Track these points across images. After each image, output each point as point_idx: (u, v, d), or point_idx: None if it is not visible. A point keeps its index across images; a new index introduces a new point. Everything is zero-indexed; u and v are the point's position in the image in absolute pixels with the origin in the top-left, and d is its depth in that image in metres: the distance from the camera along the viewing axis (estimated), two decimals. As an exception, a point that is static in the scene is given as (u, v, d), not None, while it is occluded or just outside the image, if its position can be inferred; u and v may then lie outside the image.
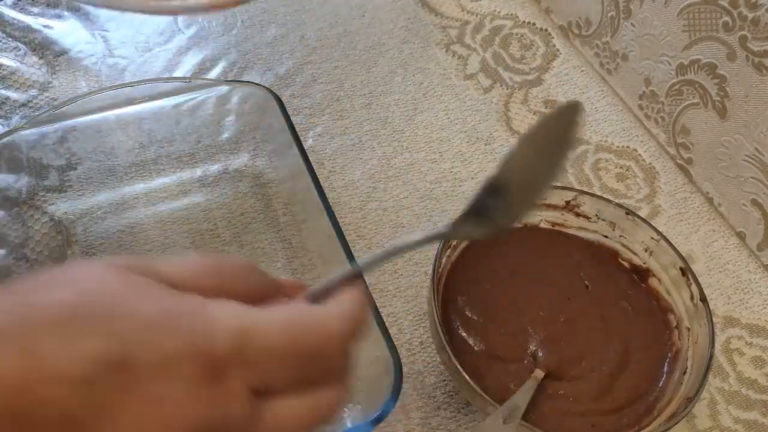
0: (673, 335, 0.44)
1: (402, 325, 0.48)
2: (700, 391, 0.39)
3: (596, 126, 0.60)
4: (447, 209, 0.54)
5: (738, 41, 0.49)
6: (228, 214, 0.52)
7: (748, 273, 0.52)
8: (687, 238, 0.54)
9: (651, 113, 0.59)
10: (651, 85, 0.58)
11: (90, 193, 0.51)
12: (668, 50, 0.55)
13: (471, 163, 0.57)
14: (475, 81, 0.62)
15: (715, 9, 0.50)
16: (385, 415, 0.37)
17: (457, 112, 0.60)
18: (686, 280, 0.44)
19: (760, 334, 0.50)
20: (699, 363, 0.41)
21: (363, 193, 0.54)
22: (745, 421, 0.46)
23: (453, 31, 0.66)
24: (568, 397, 0.42)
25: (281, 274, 0.49)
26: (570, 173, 0.57)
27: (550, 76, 0.63)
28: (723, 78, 0.51)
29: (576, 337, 0.44)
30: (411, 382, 0.45)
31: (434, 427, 0.44)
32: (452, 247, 0.46)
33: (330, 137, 0.57)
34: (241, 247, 0.50)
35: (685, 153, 0.57)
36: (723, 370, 0.48)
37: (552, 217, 0.48)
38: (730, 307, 0.51)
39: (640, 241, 0.46)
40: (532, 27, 0.66)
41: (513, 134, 0.59)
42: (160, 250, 0.49)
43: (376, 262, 0.30)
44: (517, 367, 0.43)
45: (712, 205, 0.56)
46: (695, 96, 0.54)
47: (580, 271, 0.47)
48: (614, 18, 0.59)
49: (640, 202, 0.56)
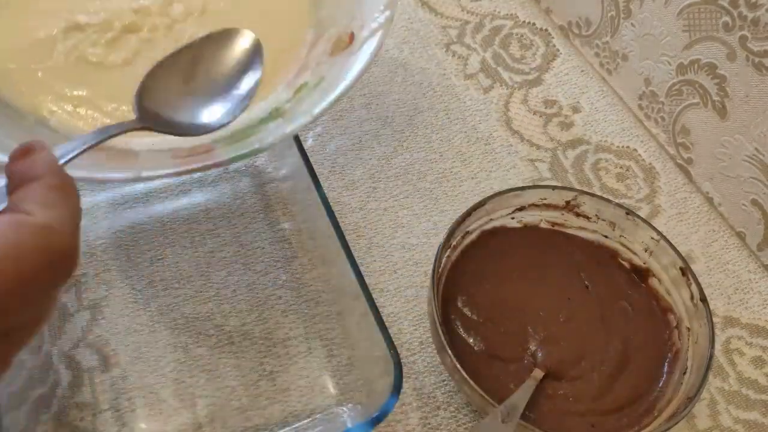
0: (673, 335, 0.44)
1: (402, 325, 0.48)
2: (700, 391, 0.39)
3: (596, 126, 0.60)
4: (447, 209, 0.54)
5: (738, 41, 0.49)
6: (228, 214, 0.52)
7: (748, 273, 0.52)
8: (687, 238, 0.54)
9: (651, 113, 0.59)
10: (651, 85, 0.58)
11: (90, 192, 0.51)
12: (668, 50, 0.55)
13: (471, 163, 0.57)
14: (475, 81, 0.62)
15: (715, 9, 0.50)
16: (384, 415, 0.37)
17: (457, 112, 0.60)
18: (686, 280, 0.44)
19: (760, 334, 0.50)
20: (699, 363, 0.41)
21: (363, 193, 0.54)
22: (745, 421, 0.46)
23: (453, 31, 0.66)
24: (568, 397, 0.42)
25: (281, 274, 0.49)
26: (570, 173, 0.57)
27: (550, 76, 0.63)
28: (723, 78, 0.51)
29: (576, 336, 0.44)
30: (411, 382, 0.45)
31: (434, 426, 0.44)
32: (452, 247, 0.46)
33: (330, 137, 0.57)
34: (241, 247, 0.50)
35: (685, 153, 0.57)
36: (723, 370, 0.48)
37: (552, 217, 0.48)
38: (730, 307, 0.51)
39: (640, 241, 0.46)
40: (532, 27, 0.66)
41: (513, 134, 0.59)
42: (160, 250, 0.49)
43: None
44: (517, 366, 0.43)
45: (712, 205, 0.56)
46: (695, 96, 0.54)
47: (580, 271, 0.47)
48: (614, 18, 0.59)
49: (640, 202, 0.56)
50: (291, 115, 0.41)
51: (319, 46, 0.46)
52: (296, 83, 0.44)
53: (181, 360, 0.45)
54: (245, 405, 0.44)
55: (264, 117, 0.42)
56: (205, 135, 0.39)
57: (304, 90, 0.43)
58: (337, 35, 0.46)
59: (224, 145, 0.40)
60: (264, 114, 0.42)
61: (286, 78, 0.45)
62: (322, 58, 0.45)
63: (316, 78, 0.44)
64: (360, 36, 0.44)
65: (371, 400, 0.40)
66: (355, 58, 0.42)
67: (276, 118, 0.41)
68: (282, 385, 0.45)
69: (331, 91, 0.41)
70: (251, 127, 0.41)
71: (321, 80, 0.43)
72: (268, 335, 0.46)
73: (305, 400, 0.44)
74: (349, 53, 0.43)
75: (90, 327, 0.46)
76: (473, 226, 0.47)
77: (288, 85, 0.45)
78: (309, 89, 0.43)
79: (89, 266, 0.48)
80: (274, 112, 0.42)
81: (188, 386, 0.44)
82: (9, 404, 0.41)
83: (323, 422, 0.43)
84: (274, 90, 0.45)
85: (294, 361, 0.46)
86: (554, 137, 0.59)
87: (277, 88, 0.45)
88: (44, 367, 0.44)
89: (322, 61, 0.45)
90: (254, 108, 0.43)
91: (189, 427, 0.43)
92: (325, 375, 0.45)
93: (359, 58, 0.42)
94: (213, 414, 0.43)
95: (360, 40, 0.44)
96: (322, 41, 0.47)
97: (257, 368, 0.45)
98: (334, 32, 0.46)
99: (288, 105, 0.42)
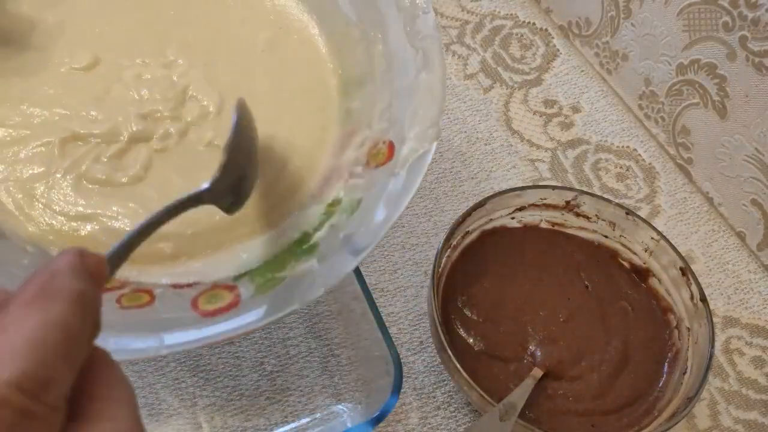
0: (673, 335, 0.44)
1: (402, 325, 0.48)
2: (700, 391, 0.39)
3: (596, 126, 0.60)
4: (447, 209, 0.54)
5: (738, 41, 0.49)
6: (228, 214, 0.51)
7: (748, 273, 0.52)
8: (687, 238, 0.54)
9: (651, 113, 0.59)
10: (651, 85, 0.58)
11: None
12: (668, 50, 0.55)
13: (471, 163, 0.57)
14: (475, 81, 0.62)
15: (715, 9, 0.50)
16: (384, 414, 0.37)
17: (457, 112, 0.60)
18: (686, 280, 0.44)
19: (760, 334, 0.50)
20: (699, 363, 0.41)
21: (363, 193, 0.54)
22: (745, 421, 0.46)
23: (453, 31, 0.66)
24: (568, 396, 0.42)
25: (281, 273, 0.49)
26: (570, 173, 0.57)
27: (550, 76, 0.63)
28: (723, 78, 0.51)
29: (576, 336, 0.44)
30: (411, 381, 0.45)
31: (434, 426, 0.44)
32: (452, 247, 0.46)
33: (330, 137, 0.57)
34: (241, 247, 0.50)
35: (685, 153, 0.57)
36: (723, 370, 0.48)
37: (552, 217, 0.48)
38: (730, 307, 0.51)
39: (640, 241, 0.46)
40: (532, 27, 0.66)
41: (513, 134, 0.59)
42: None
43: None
44: (516, 366, 0.43)
45: (712, 205, 0.56)
46: (695, 96, 0.54)
47: (580, 271, 0.47)
48: (614, 18, 0.59)
49: (640, 202, 0.56)
50: (325, 251, 0.35)
51: (350, 150, 0.40)
52: (327, 196, 0.38)
53: (181, 359, 0.45)
54: (245, 405, 0.44)
55: (293, 241, 0.37)
56: (226, 263, 0.36)
57: (337, 212, 0.37)
58: (372, 142, 0.39)
59: (251, 289, 0.34)
60: (293, 234, 0.37)
61: (312, 186, 0.39)
62: (355, 168, 0.39)
63: (351, 198, 0.37)
64: (401, 153, 0.37)
65: (371, 400, 0.40)
66: (396, 182, 0.36)
67: (307, 252, 0.36)
68: (282, 384, 0.45)
69: (369, 227, 0.35)
70: (281, 257, 0.36)
71: (358, 203, 0.37)
72: (267, 335, 0.46)
73: (305, 399, 0.44)
74: (389, 173, 0.37)
75: (90, 327, 0.46)
76: (473, 226, 0.47)
77: (315, 197, 0.39)
78: (343, 213, 0.37)
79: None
80: (304, 238, 0.37)
81: (188, 386, 0.44)
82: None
83: (323, 422, 0.43)
84: (301, 200, 0.39)
85: (294, 360, 0.46)
86: (554, 137, 0.59)
87: (304, 200, 0.39)
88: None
89: (356, 173, 0.38)
90: (282, 225, 0.38)
91: (189, 427, 0.43)
92: (324, 375, 0.45)
93: (402, 186, 0.36)
94: (213, 414, 0.43)
95: (401, 159, 0.37)
96: (353, 144, 0.40)
97: (257, 368, 0.45)
98: (368, 136, 0.40)
99: (320, 234, 0.36)
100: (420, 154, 0.37)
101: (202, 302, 0.34)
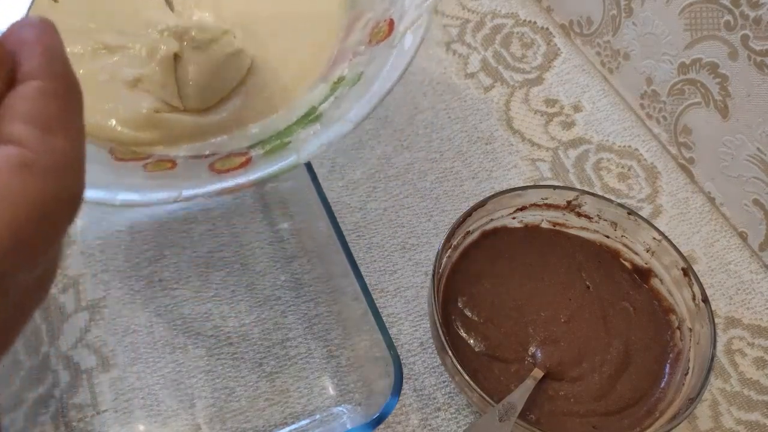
0: (675, 336, 0.44)
1: (402, 325, 0.48)
2: (701, 392, 0.39)
3: (597, 126, 0.59)
4: (447, 209, 0.53)
5: (740, 40, 0.48)
6: (227, 213, 0.51)
7: (750, 273, 0.52)
8: (689, 239, 0.54)
9: (653, 113, 0.59)
10: (652, 84, 0.57)
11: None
12: (670, 49, 0.54)
13: (471, 163, 0.56)
14: (475, 80, 0.62)
15: (717, 8, 0.49)
16: (385, 415, 0.37)
17: (458, 111, 0.60)
18: (688, 280, 0.43)
19: (762, 334, 0.49)
20: (701, 364, 0.41)
21: (363, 193, 0.54)
22: (747, 422, 0.46)
23: (453, 30, 0.65)
24: (569, 397, 0.42)
25: (280, 274, 0.49)
26: (571, 173, 0.56)
27: (551, 75, 0.63)
28: (725, 77, 0.51)
29: (577, 337, 0.44)
30: (411, 383, 0.45)
31: (434, 428, 0.44)
32: (453, 247, 0.45)
33: (330, 137, 0.57)
34: (240, 247, 0.50)
35: (686, 153, 0.56)
36: (725, 371, 0.48)
37: (553, 217, 0.48)
38: (732, 307, 0.51)
39: (641, 241, 0.46)
40: (533, 26, 0.66)
41: (514, 133, 0.58)
42: (158, 250, 0.49)
43: None
44: (517, 367, 0.43)
45: (714, 205, 0.55)
46: (697, 95, 0.53)
47: (582, 272, 0.47)
48: (615, 17, 0.59)
49: (641, 202, 0.55)
50: (328, 119, 0.38)
51: (355, 33, 0.43)
52: (332, 76, 0.42)
53: (180, 361, 0.45)
54: (244, 406, 0.44)
55: (301, 116, 0.40)
56: (241, 137, 0.39)
57: (341, 86, 0.40)
58: (374, 22, 0.42)
59: (261, 153, 0.38)
60: (301, 111, 0.40)
61: (322, 69, 0.42)
62: (358, 48, 0.42)
63: (353, 73, 0.40)
64: (400, 26, 0.40)
65: (371, 401, 0.40)
66: (395, 53, 0.38)
67: (313, 121, 0.39)
68: (281, 386, 0.44)
69: (370, 92, 0.37)
70: (288, 128, 0.39)
71: (359, 76, 0.40)
72: (267, 336, 0.46)
73: (305, 401, 0.44)
74: (389, 45, 0.39)
75: (88, 327, 0.46)
76: (474, 226, 0.46)
77: (324, 78, 0.42)
78: (346, 86, 0.40)
79: (88, 266, 0.48)
80: (311, 111, 0.40)
81: (187, 387, 0.44)
82: (8, 405, 0.40)
83: (323, 423, 0.43)
84: (311, 83, 0.42)
85: (293, 362, 0.45)
86: (555, 137, 0.59)
87: (314, 82, 0.42)
88: (42, 368, 0.44)
89: (359, 52, 0.41)
90: (292, 104, 0.40)
91: (188, 429, 0.43)
92: (324, 376, 0.45)
93: (400, 54, 0.38)
94: (212, 415, 0.43)
95: (400, 31, 0.40)
96: (357, 27, 0.43)
97: (256, 369, 0.45)
98: (371, 18, 0.43)
99: (324, 106, 0.40)
100: (417, 24, 0.39)
101: (218, 165, 0.38)
